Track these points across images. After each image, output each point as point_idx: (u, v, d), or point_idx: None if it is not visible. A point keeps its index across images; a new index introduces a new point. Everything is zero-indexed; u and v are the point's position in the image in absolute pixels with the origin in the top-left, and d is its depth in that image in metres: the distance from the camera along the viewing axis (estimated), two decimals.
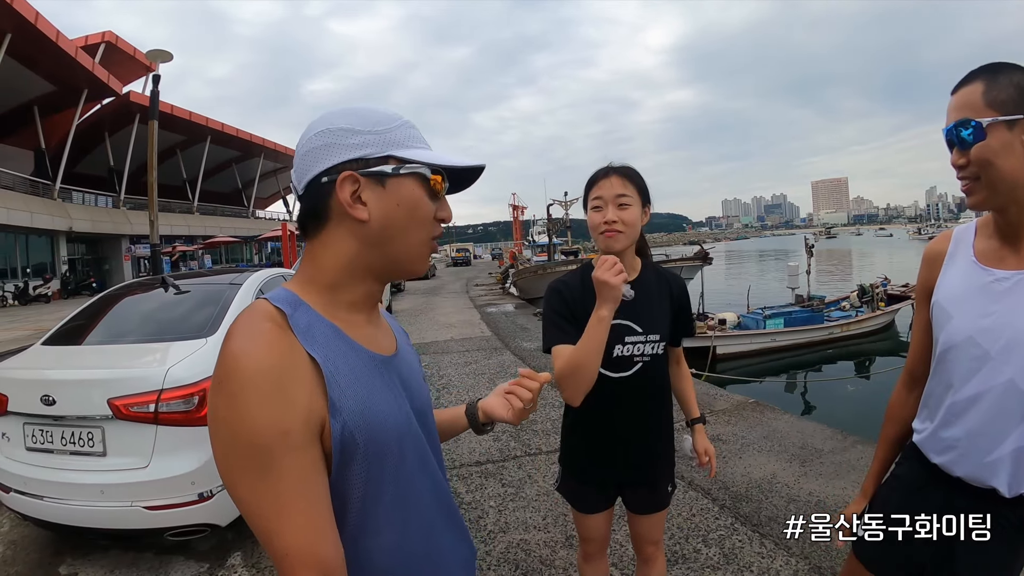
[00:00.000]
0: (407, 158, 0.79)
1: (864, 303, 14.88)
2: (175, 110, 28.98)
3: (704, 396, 5.72)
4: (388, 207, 0.79)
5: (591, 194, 1.63)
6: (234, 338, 0.70)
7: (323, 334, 0.76)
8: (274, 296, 0.77)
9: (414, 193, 0.80)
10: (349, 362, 0.77)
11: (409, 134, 0.82)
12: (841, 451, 4.05)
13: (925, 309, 1.29)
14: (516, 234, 47.46)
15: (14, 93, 21.61)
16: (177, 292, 3.60)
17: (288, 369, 0.69)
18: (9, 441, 2.89)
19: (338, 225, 0.79)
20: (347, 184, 0.77)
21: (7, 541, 3.32)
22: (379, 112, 0.81)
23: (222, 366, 0.69)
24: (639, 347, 1.63)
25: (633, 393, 1.65)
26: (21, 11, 17.72)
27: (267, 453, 0.66)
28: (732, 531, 3.00)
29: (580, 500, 1.81)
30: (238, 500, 0.69)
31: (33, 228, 21.74)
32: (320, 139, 0.78)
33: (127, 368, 2.87)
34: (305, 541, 0.67)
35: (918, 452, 1.28)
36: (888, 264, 38.89)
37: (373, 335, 0.86)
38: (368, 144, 0.78)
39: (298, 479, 0.68)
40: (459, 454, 4.30)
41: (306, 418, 0.69)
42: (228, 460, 0.68)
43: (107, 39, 25.79)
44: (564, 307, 1.63)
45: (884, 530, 1.35)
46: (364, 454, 0.75)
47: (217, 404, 0.69)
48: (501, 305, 15.34)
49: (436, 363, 7.76)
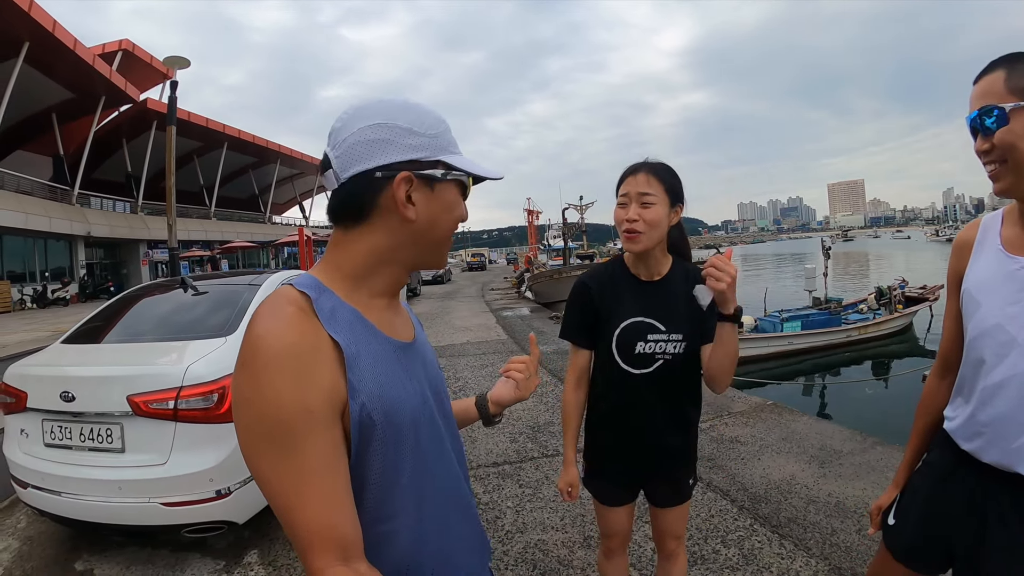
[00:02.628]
0: (454, 165, 0.83)
1: (882, 305, 14.69)
2: (192, 117, 29.34)
3: (721, 398, 5.64)
4: (434, 209, 0.83)
5: (619, 190, 1.61)
6: (260, 320, 0.72)
7: (346, 319, 0.78)
8: (299, 282, 0.79)
9: (455, 197, 0.85)
10: (369, 346, 0.79)
11: (452, 140, 0.86)
12: (860, 452, 4.00)
13: (956, 297, 1.31)
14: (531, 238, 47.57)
15: (33, 100, 21.95)
16: (196, 293, 3.63)
17: (311, 350, 0.71)
18: (28, 437, 2.91)
19: (382, 220, 0.81)
20: (404, 184, 0.79)
21: (23, 537, 3.35)
22: (432, 114, 0.84)
23: (247, 346, 0.71)
24: (660, 345, 1.61)
25: (654, 390, 1.64)
26: (39, 19, 18.01)
27: (289, 431, 0.68)
28: (751, 532, 2.96)
29: (603, 493, 1.81)
30: (259, 477, 0.70)
31: (51, 233, 22.08)
32: (377, 132, 0.79)
33: (147, 365, 2.88)
34: (324, 518, 0.69)
35: (949, 439, 1.28)
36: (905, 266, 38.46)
37: (393, 322, 0.88)
38: (424, 147, 0.80)
39: (319, 457, 0.69)
40: (476, 455, 4.28)
41: (328, 398, 0.71)
42: (251, 438, 0.70)
43: (124, 47, 26.22)
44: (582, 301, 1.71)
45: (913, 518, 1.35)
46: (382, 436, 0.76)
47: (241, 383, 0.71)
48: (517, 309, 15.33)
49: (452, 365, 7.76)
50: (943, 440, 1.31)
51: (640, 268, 1.67)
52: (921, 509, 1.34)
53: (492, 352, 8.76)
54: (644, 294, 1.65)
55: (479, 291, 23.46)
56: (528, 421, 5.05)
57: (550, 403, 5.59)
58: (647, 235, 1.54)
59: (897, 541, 1.40)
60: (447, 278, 32.02)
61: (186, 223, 31.56)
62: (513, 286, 25.19)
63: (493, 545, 2.95)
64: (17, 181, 21.36)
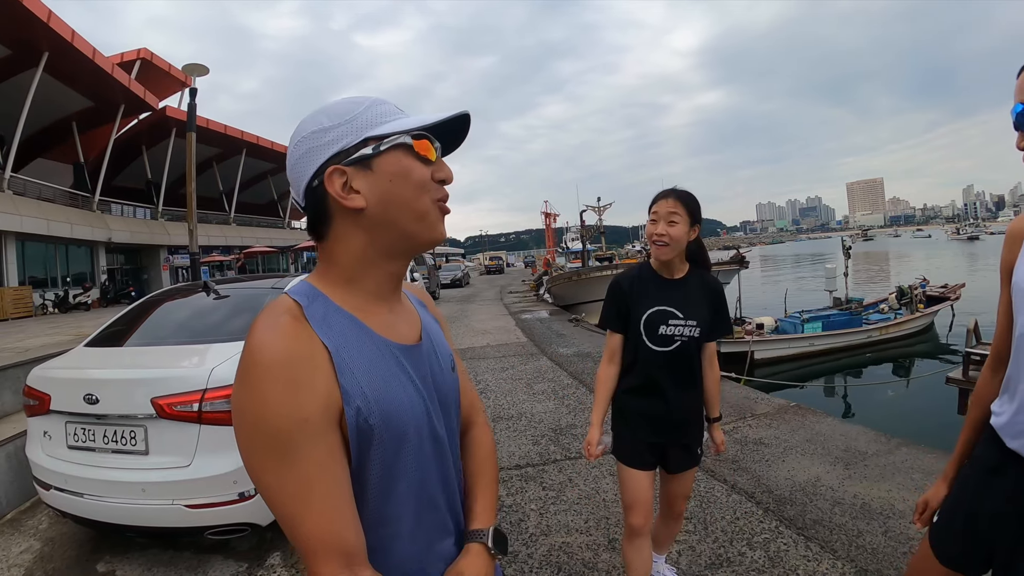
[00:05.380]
0: (383, 134, 0.79)
1: (903, 305, 14.48)
2: (211, 124, 29.64)
3: (744, 400, 5.61)
4: (381, 186, 0.78)
5: (651, 209, 1.99)
6: (255, 332, 0.72)
7: (339, 323, 0.77)
8: (293, 289, 0.80)
9: (402, 163, 0.79)
10: (365, 350, 0.78)
11: (380, 111, 0.81)
12: (886, 453, 3.92)
13: (1007, 289, 1.26)
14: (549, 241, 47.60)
15: (53, 109, 22.24)
16: (218, 297, 3.64)
17: (305, 358, 0.71)
18: (51, 439, 2.93)
19: (342, 220, 0.80)
20: (335, 178, 0.77)
21: (45, 538, 3.38)
22: (345, 102, 0.81)
23: (244, 358, 0.71)
24: (679, 328, 1.99)
25: (674, 365, 2.01)
26: (57, 30, 18.23)
27: (287, 441, 0.68)
28: (777, 534, 2.91)
29: (631, 456, 2.08)
30: (261, 487, 0.71)
31: (73, 239, 22.39)
32: (300, 148, 0.80)
33: (171, 368, 2.88)
34: (327, 527, 0.69)
35: (996, 436, 1.24)
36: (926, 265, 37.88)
37: (393, 324, 0.85)
38: (343, 136, 0.78)
39: (318, 466, 0.69)
40: (499, 458, 4.24)
41: (324, 405, 0.71)
42: (251, 449, 0.70)
43: (142, 56, 26.55)
44: (616, 296, 2.10)
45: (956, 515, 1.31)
46: (380, 441, 0.76)
47: (239, 395, 0.71)
48: (536, 312, 15.28)
49: (473, 369, 7.78)
50: (990, 436, 1.27)
51: (663, 270, 2.06)
52: (964, 506, 1.30)
53: (512, 355, 8.74)
54: (666, 289, 2.03)
55: (498, 294, 23.49)
56: (551, 424, 5.01)
57: (572, 406, 5.56)
58: (671, 247, 1.94)
59: (939, 538, 1.35)
60: (465, 282, 32.06)
61: (206, 228, 31.90)
62: (531, 289, 25.17)
63: (516, 548, 2.93)
64: (39, 188, 21.66)
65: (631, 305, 2.04)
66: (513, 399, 6.02)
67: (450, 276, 31.24)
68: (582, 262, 30.21)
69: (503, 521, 3.22)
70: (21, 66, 19.11)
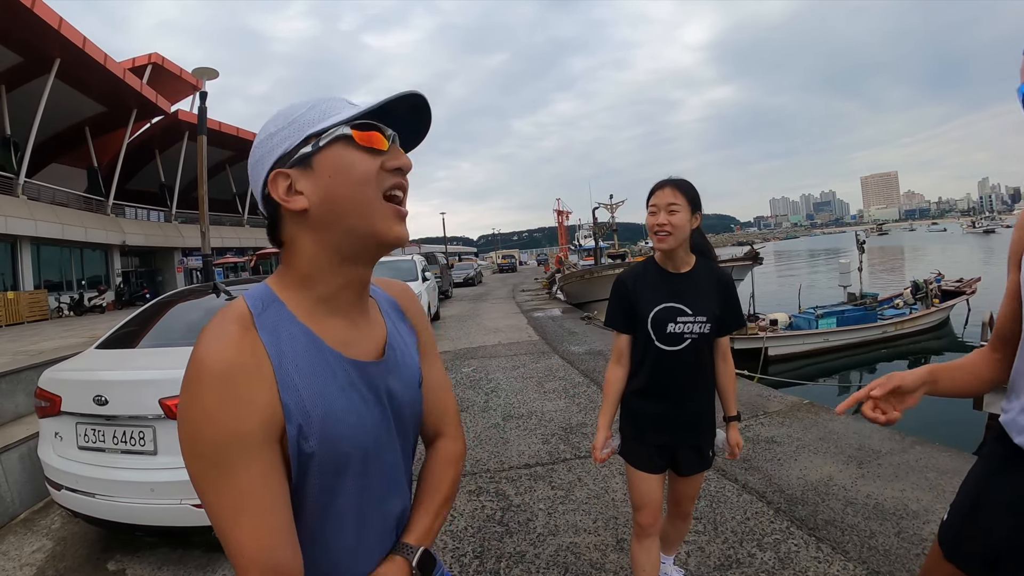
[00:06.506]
0: (321, 129, 0.75)
1: (918, 300, 14.29)
2: (223, 126, 29.86)
3: (757, 397, 5.55)
4: (322, 183, 0.75)
5: (649, 201, 1.92)
6: (201, 340, 0.70)
7: (289, 334, 0.74)
8: (250, 293, 0.77)
9: (343, 157, 0.75)
10: (313, 365, 0.75)
11: (325, 107, 0.77)
12: (900, 452, 3.85)
13: (1016, 272, 1.22)
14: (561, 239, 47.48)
15: (66, 114, 22.48)
16: (229, 298, 3.66)
17: (248, 371, 0.69)
18: (62, 440, 2.96)
19: (291, 224, 0.77)
20: (278, 181, 0.75)
21: (57, 537, 3.43)
22: (295, 104, 0.79)
23: (188, 366, 0.69)
24: (688, 326, 1.90)
25: (684, 364, 1.93)
26: (69, 36, 18.43)
27: (225, 454, 0.66)
28: (788, 535, 2.87)
29: (640, 459, 2.01)
30: (201, 498, 0.69)
31: (87, 243, 22.66)
32: (253, 157, 0.79)
33: (179, 369, 2.87)
34: (259, 545, 0.67)
35: (1004, 433, 1.21)
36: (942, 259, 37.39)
37: (352, 339, 0.81)
38: (287, 138, 0.76)
39: (255, 481, 0.67)
40: (507, 457, 4.25)
41: (264, 420, 0.69)
42: (190, 459, 0.69)
43: (154, 60, 26.81)
44: (621, 295, 2.01)
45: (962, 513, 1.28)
46: (320, 462, 0.73)
47: (183, 403, 0.69)
48: (548, 310, 15.24)
49: (484, 367, 7.77)
50: (999, 433, 1.23)
51: (668, 264, 1.97)
52: (970, 504, 1.26)
53: (524, 353, 8.71)
54: (673, 284, 1.95)
55: (510, 292, 23.45)
56: (560, 422, 4.99)
57: (582, 404, 5.53)
58: (674, 236, 1.86)
59: (948, 536, 1.31)
60: (478, 280, 32.07)
61: (219, 230, 32.15)
62: (544, 287, 25.12)
63: (524, 548, 2.91)
64: (53, 193, 21.93)
65: (637, 303, 1.96)
66: (524, 397, 6.00)
67: (462, 275, 31.29)
68: (595, 260, 30.10)
69: (511, 520, 3.21)
70: (33, 73, 19.35)
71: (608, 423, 2.04)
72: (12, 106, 19.78)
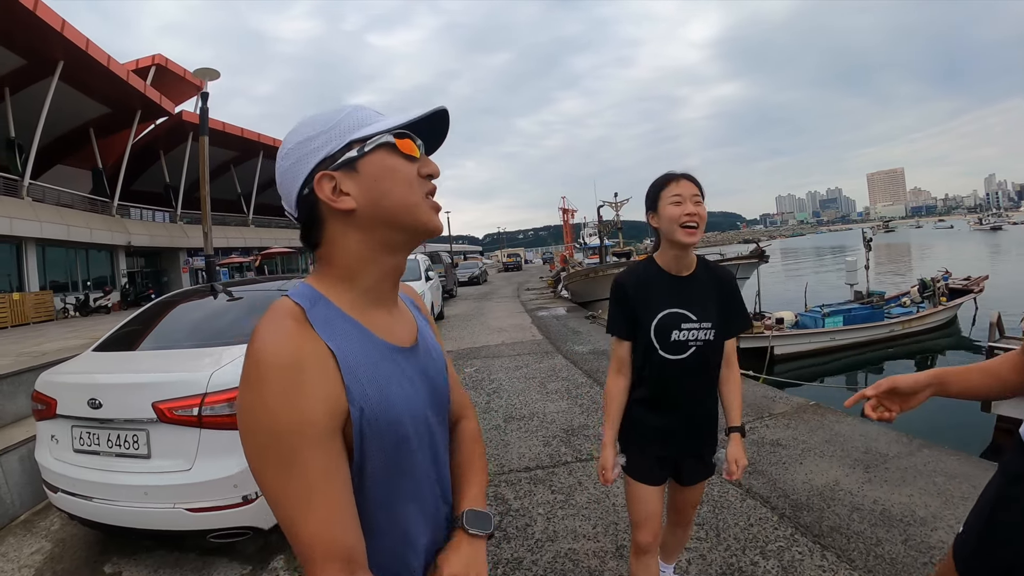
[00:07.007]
0: (365, 135, 0.81)
1: (925, 298, 14.16)
2: (227, 127, 29.93)
3: (763, 399, 5.49)
4: (369, 185, 0.80)
5: (668, 191, 1.76)
6: (259, 335, 0.73)
7: (341, 327, 0.78)
8: (295, 292, 0.81)
9: (386, 162, 0.81)
10: (367, 352, 0.79)
11: (360, 116, 0.83)
12: (907, 455, 3.78)
13: None
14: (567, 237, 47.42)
15: (70, 116, 22.56)
16: (230, 299, 3.65)
17: (308, 362, 0.72)
18: (58, 443, 2.96)
19: (335, 224, 0.81)
20: (324, 183, 0.79)
21: (56, 539, 3.43)
22: (325, 112, 0.84)
23: (248, 362, 0.72)
24: (693, 333, 1.79)
25: (689, 373, 1.81)
26: (72, 39, 18.47)
27: (291, 444, 0.69)
28: (792, 542, 2.81)
29: (641, 471, 1.90)
30: (264, 490, 0.71)
31: (93, 243, 22.75)
32: (287, 160, 0.82)
33: (172, 372, 2.88)
34: (329, 531, 0.70)
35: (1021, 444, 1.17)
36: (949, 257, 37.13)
37: (392, 327, 0.87)
38: (328, 142, 0.80)
39: (321, 470, 0.70)
40: (508, 459, 4.20)
41: (328, 409, 0.71)
42: (255, 452, 0.71)
43: (157, 62, 26.84)
44: (622, 299, 1.87)
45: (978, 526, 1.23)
46: (382, 441, 0.77)
47: (245, 398, 0.71)
48: (552, 309, 15.18)
49: (487, 367, 7.72)
50: (1018, 445, 1.19)
51: (672, 265, 1.84)
52: (987, 519, 1.21)
53: (527, 353, 8.65)
54: (676, 288, 1.82)
55: (515, 291, 23.41)
56: (563, 424, 4.94)
57: (585, 405, 5.48)
58: (700, 229, 1.74)
59: (962, 552, 1.27)
60: (483, 279, 32.04)
61: (225, 231, 32.24)
62: (549, 286, 25.08)
63: (521, 554, 2.87)
64: (58, 195, 22.03)
65: (638, 309, 1.82)
66: (526, 398, 5.95)
67: (467, 274, 31.29)
68: (600, 258, 30.03)
69: (509, 525, 3.16)
70: (37, 75, 19.43)
71: (614, 439, 1.91)
72: (16, 108, 19.85)
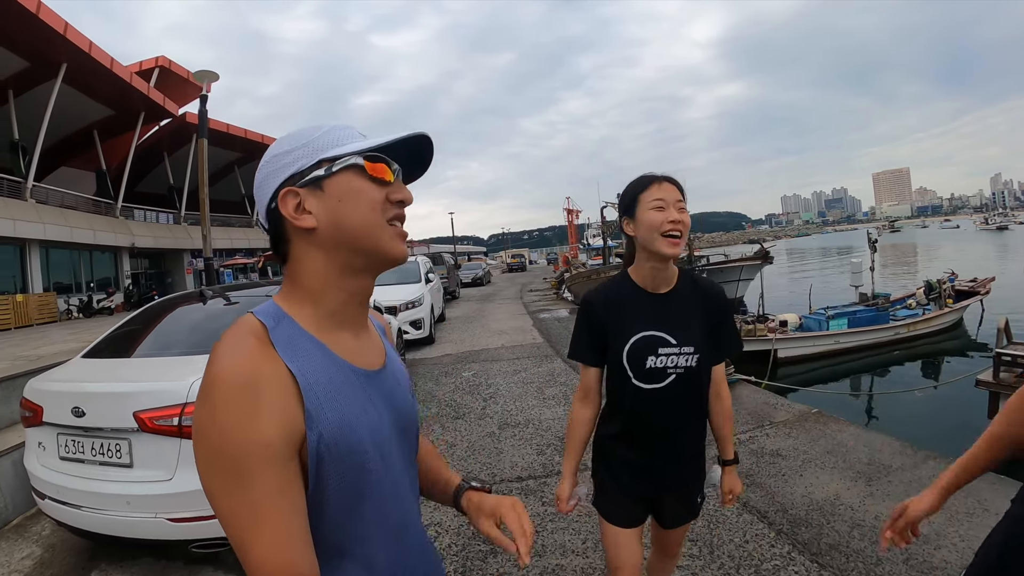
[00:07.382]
0: (335, 155, 0.80)
1: (931, 300, 14.00)
2: (230, 128, 29.95)
3: (763, 406, 5.39)
4: (331, 206, 0.79)
5: (648, 195, 1.55)
6: (217, 353, 0.72)
7: (304, 348, 0.77)
8: (260, 310, 0.79)
9: (352, 184, 0.80)
10: (329, 375, 0.77)
11: (339, 135, 0.82)
12: (911, 468, 3.69)
13: None
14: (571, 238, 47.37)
15: (74, 118, 22.55)
16: (218, 305, 3.63)
17: (267, 382, 0.70)
18: (45, 450, 2.97)
19: (299, 241, 0.81)
20: (288, 199, 0.79)
21: (46, 544, 3.45)
22: (308, 127, 0.83)
23: (206, 378, 0.70)
24: (673, 359, 1.57)
25: (667, 405, 1.60)
26: (75, 41, 18.48)
27: (240, 465, 0.67)
28: (789, 560, 2.71)
29: (615, 513, 1.72)
30: (217, 511, 0.70)
31: (96, 245, 22.78)
32: (263, 172, 0.82)
33: (152, 381, 2.87)
34: (280, 555, 0.68)
35: None
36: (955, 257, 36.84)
37: (358, 350, 0.85)
38: (300, 158, 0.80)
39: (274, 492, 0.69)
40: (499, 469, 4.13)
41: (282, 432, 0.70)
42: (208, 471, 0.69)
43: (161, 64, 26.85)
44: (588, 320, 1.67)
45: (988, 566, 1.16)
46: (340, 467, 0.75)
47: (199, 416, 0.70)
48: (554, 311, 15.03)
49: (485, 371, 7.63)
50: None
51: (648, 281, 1.62)
52: (996, 561, 1.15)
53: (526, 356, 8.54)
54: (653, 307, 1.60)
55: (518, 293, 23.29)
56: (558, 431, 4.86)
57: None
58: (684, 239, 1.53)
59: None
60: (486, 280, 31.96)
61: (229, 232, 32.28)
62: (552, 287, 24.98)
63: (507, 570, 2.79)
64: (62, 196, 22.07)
65: (609, 332, 1.61)
66: (522, 404, 5.87)
67: (470, 275, 31.20)
68: (603, 259, 29.94)
69: None
70: (40, 78, 19.46)
71: (573, 470, 1.77)
72: (20, 111, 19.89)
